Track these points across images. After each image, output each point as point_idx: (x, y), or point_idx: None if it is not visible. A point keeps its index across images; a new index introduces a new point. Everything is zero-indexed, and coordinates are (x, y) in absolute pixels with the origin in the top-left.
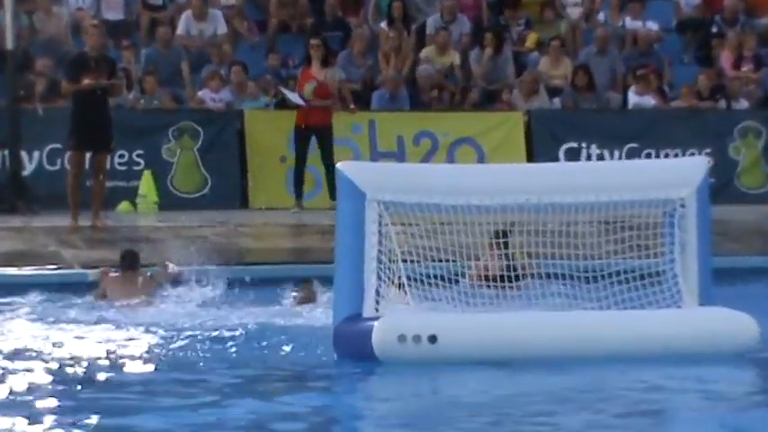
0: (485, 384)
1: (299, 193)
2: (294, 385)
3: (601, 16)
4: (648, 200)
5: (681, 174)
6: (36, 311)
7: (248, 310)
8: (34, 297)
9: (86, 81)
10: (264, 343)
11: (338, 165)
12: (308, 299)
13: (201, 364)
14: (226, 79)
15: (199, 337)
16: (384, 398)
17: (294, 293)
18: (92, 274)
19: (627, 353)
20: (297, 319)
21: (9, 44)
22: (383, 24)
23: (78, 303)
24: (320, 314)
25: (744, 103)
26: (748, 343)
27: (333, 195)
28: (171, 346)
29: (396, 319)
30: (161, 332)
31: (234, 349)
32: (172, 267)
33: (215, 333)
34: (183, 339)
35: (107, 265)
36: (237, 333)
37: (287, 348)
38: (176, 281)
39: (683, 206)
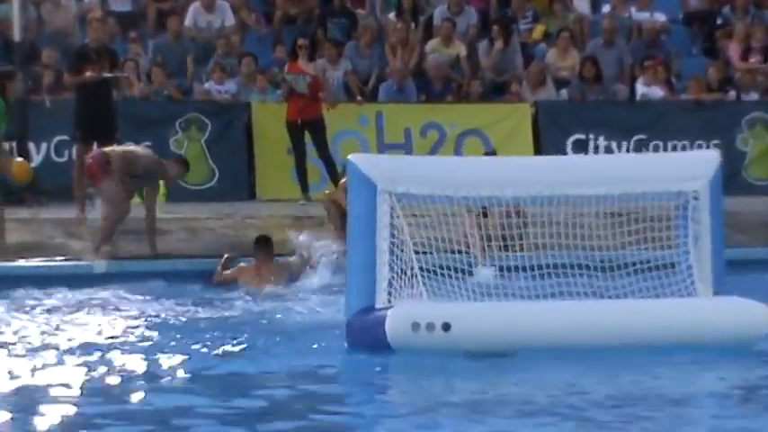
0: (497, 373)
1: (304, 186)
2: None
3: (607, 8)
4: (662, 192)
5: (694, 167)
6: (43, 303)
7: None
8: (41, 289)
9: (88, 73)
10: (279, 334)
11: (349, 156)
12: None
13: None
14: (231, 71)
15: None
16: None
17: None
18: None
19: (642, 342)
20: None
21: (17, 36)
22: (391, 15)
23: (83, 295)
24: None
25: (753, 95)
26: (764, 332)
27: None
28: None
29: (409, 307)
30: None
31: (248, 339)
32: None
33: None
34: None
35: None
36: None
37: (300, 339)
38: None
39: (696, 198)
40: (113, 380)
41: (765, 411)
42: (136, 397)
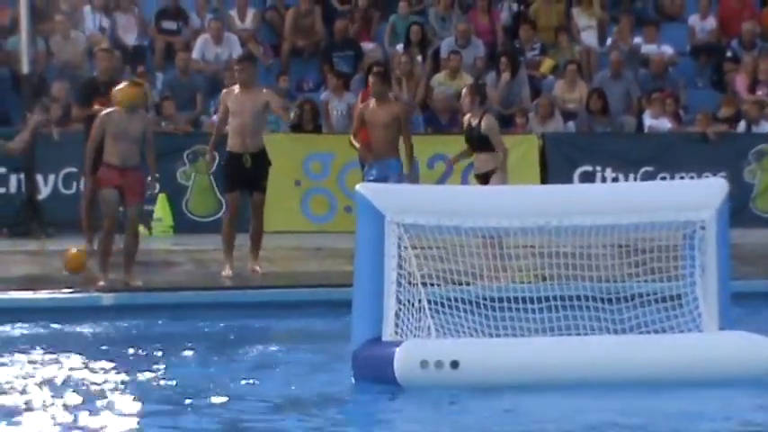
0: (506, 411)
1: None
2: (314, 408)
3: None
4: (669, 222)
5: (701, 195)
6: (49, 336)
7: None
8: (48, 321)
9: (96, 107)
10: (284, 366)
11: (357, 186)
12: None
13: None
14: None
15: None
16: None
17: None
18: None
19: (649, 378)
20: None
21: (25, 68)
22: (399, 47)
23: (91, 328)
24: None
25: (764, 127)
26: None
27: None
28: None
29: (418, 344)
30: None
31: (255, 373)
32: None
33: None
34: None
35: None
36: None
37: (306, 371)
38: None
39: (703, 228)
40: (118, 409)
41: None
42: (134, 423)
